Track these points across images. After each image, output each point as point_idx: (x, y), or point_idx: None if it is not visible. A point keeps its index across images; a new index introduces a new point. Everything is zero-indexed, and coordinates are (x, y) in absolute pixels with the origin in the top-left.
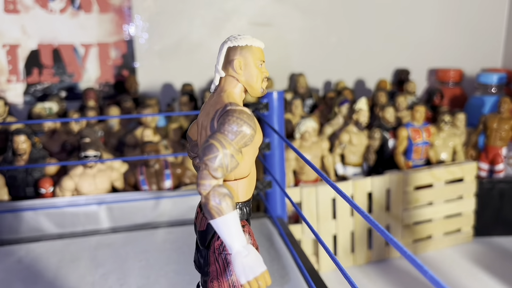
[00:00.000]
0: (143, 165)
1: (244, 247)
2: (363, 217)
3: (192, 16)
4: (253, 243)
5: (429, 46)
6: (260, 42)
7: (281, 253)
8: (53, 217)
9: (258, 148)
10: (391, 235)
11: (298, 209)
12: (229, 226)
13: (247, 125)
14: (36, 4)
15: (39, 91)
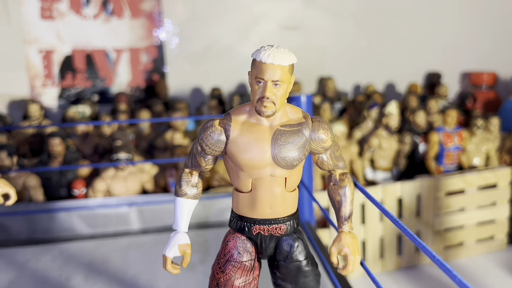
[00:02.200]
0: (172, 168)
1: (174, 228)
2: (393, 222)
3: (221, 21)
4: (220, 253)
5: (462, 48)
6: (268, 56)
7: None
8: (85, 218)
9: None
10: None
11: (326, 214)
12: (174, 207)
13: (200, 138)
14: (71, 11)
15: (73, 95)
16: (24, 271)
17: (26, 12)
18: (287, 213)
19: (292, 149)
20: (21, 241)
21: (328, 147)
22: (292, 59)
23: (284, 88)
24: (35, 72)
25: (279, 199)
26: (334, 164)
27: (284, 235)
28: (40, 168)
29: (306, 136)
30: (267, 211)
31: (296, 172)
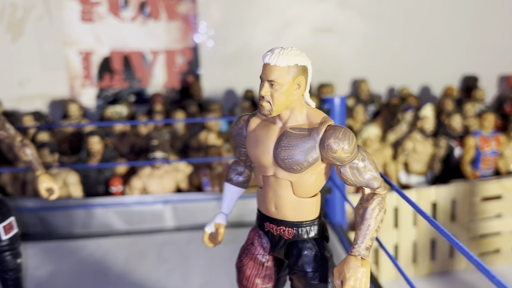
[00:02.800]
0: (206, 168)
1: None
2: (433, 226)
3: (255, 24)
4: (246, 246)
5: (500, 51)
6: (266, 56)
7: (340, 260)
8: (122, 215)
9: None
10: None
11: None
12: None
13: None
14: (110, 13)
15: (110, 96)
16: (63, 265)
17: (68, 15)
18: (299, 219)
19: (293, 152)
20: (61, 235)
21: (342, 159)
22: (293, 61)
23: (283, 89)
24: (74, 73)
25: (286, 202)
26: (359, 181)
27: (294, 240)
28: (80, 165)
29: (315, 141)
30: (273, 210)
31: (307, 178)
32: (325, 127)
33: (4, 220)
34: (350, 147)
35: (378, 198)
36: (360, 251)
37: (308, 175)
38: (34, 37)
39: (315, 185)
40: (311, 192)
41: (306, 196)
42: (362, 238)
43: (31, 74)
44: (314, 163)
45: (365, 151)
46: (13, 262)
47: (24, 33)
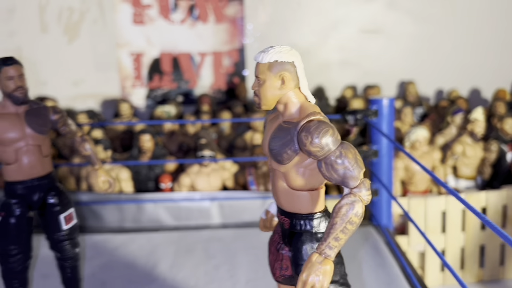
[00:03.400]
0: (252, 167)
1: None
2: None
3: (301, 25)
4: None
5: None
6: (256, 54)
7: (386, 262)
8: (170, 210)
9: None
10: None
11: (412, 221)
12: None
13: None
14: (160, 16)
15: (159, 96)
16: (114, 257)
17: (120, 18)
18: (293, 210)
19: (277, 144)
20: (112, 228)
21: (314, 153)
22: (273, 58)
23: (266, 84)
24: (125, 73)
25: (281, 192)
26: (334, 178)
27: (292, 230)
28: (131, 162)
29: (293, 134)
30: (277, 199)
31: (295, 170)
32: (305, 121)
33: (65, 210)
34: (320, 141)
35: (349, 198)
36: (323, 248)
37: (296, 168)
38: (89, 39)
39: (306, 178)
40: (303, 184)
41: (299, 188)
42: (326, 236)
43: (85, 74)
44: (293, 156)
45: (347, 149)
46: (72, 251)
47: (79, 35)
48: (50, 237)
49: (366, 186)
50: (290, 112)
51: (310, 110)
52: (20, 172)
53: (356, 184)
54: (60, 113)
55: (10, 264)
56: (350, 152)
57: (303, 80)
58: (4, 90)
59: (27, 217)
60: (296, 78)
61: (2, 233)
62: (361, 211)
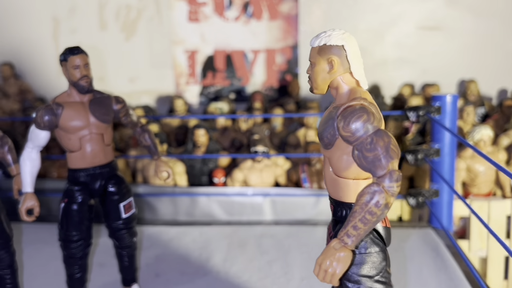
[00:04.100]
0: (305, 164)
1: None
2: None
3: (357, 21)
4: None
5: None
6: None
7: (448, 265)
8: (223, 205)
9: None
10: None
11: (484, 223)
12: None
13: None
14: (215, 13)
15: (212, 93)
16: (168, 249)
17: (175, 15)
18: (337, 197)
19: (322, 127)
20: (166, 221)
21: (346, 138)
22: (322, 41)
23: (315, 67)
24: (180, 70)
25: (328, 179)
26: (363, 165)
27: (334, 217)
28: (186, 156)
29: (333, 119)
30: (325, 183)
31: (338, 156)
32: (346, 105)
33: (124, 199)
34: (351, 126)
35: (372, 187)
36: (342, 235)
37: (338, 153)
38: (145, 36)
39: (349, 166)
40: (345, 172)
41: (342, 176)
42: (346, 223)
43: (140, 71)
44: (333, 140)
45: (380, 136)
46: (130, 239)
47: (136, 33)
48: (109, 225)
49: (394, 177)
50: (340, 97)
51: (357, 95)
52: (83, 160)
53: (382, 174)
54: (123, 103)
55: (71, 250)
56: (382, 140)
57: (355, 64)
58: (70, 79)
59: (89, 205)
60: (347, 63)
61: (64, 219)
62: (383, 202)
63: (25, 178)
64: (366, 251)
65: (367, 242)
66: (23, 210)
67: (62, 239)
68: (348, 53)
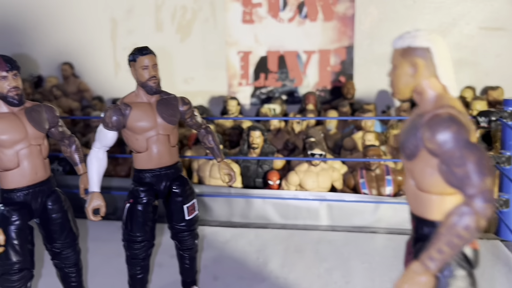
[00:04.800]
0: (363, 168)
1: None
2: None
3: (416, 21)
4: None
5: None
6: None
7: None
8: (278, 208)
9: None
10: None
11: None
12: None
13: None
14: (268, 14)
15: (264, 94)
16: (224, 251)
17: (230, 17)
18: (419, 213)
19: (404, 136)
20: (221, 222)
21: (433, 150)
22: (406, 43)
23: (396, 70)
24: (233, 72)
25: (409, 192)
26: (451, 181)
27: (415, 234)
28: (241, 157)
29: (417, 128)
30: (406, 196)
31: (420, 168)
32: (433, 114)
33: (188, 201)
34: (439, 138)
35: (461, 207)
36: (423, 258)
37: (422, 166)
38: (200, 37)
39: (434, 179)
40: (429, 186)
41: (426, 190)
42: (429, 245)
43: (194, 72)
44: (416, 151)
45: (471, 150)
46: (192, 242)
47: (191, 34)
48: (172, 226)
49: (487, 197)
50: (424, 104)
51: (445, 102)
52: (149, 161)
53: (473, 193)
54: (189, 104)
55: (134, 251)
56: (474, 155)
57: (442, 68)
58: (139, 79)
59: (153, 205)
60: (432, 66)
61: (129, 220)
62: (473, 225)
63: (92, 178)
64: (451, 275)
65: (452, 264)
66: (90, 209)
67: (126, 239)
68: (435, 55)
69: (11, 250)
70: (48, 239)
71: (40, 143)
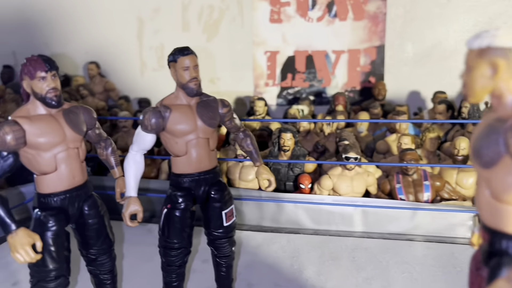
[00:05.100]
0: (400, 173)
1: None
2: None
3: (450, 21)
4: None
5: None
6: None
7: None
8: (310, 213)
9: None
10: None
11: None
12: None
13: None
14: (297, 14)
15: (290, 95)
16: (257, 256)
17: (257, 16)
18: (495, 226)
19: (480, 143)
20: (252, 226)
21: None
22: (485, 42)
23: (473, 72)
24: (259, 72)
25: (484, 203)
26: None
27: (489, 249)
28: (272, 160)
29: (498, 134)
30: (477, 207)
31: (500, 177)
32: None
33: (227, 207)
34: None
35: None
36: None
37: (502, 174)
38: (226, 37)
39: (506, 189)
40: (510, 196)
41: (504, 201)
42: None
43: (221, 72)
44: (496, 159)
45: None
46: (229, 249)
47: (217, 34)
48: (210, 233)
49: None
50: (504, 108)
51: None
52: (188, 165)
53: None
54: (228, 107)
55: (170, 258)
56: None
57: None
58: (179, 80)
59: (191, 211)
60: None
61: (166, 226)
62: None
63: (129, 182)
64: None
65: None
66: (127, 215)
67: (162, 245)
68: None
69: (48, 257)
70: (84, 245)
71: (78, 146)
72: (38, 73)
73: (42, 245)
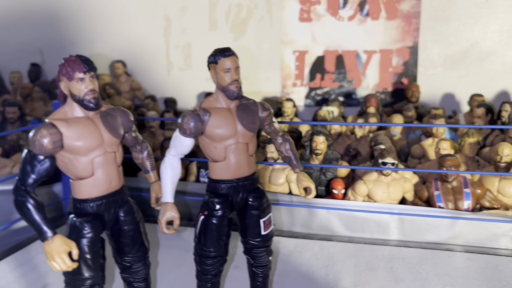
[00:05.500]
0: (438, 180)
1: None
2: None
3: (488, 21)
4: None
5: None
6: None
7: None
8: (343, 219)
9: None
10: None
11: None
12: None
13: None
14: (327, 13)
15: (319, 95)
16: (290, 264)
17: (287, 15)
18: None
19: None
20: (283, 232)
21: None
22: None
23: None
24: (287, 72)
25: None
26: None
27: None
28: (304, 164)
29: None
30: None
31: None
32: None
33: (265, 215)
34: None
35: None
36: None
37: None
38: (254, 36)
39: None
40: None
41: None
42: None
43: (248, 72)
44: None
45: None
46: (266, 258)
47: (245, 33)
48: (247, 241)
49: None
50: None
51: None
52: (227, 171)
53: None
54: (269, 110)
55: (206, 267)
56: None
57: None
58: (219, 83)
59: (228, 218)
60: None
61: (203, 234)
62: None
63: (166, 187)
64: None
65: None
66: (163, 222)
67: (198, 254)
68: None
69: (83, 265)
70: (119, 252)
71: (115, 150)
72: (76, 74)
73: (78, 253)
